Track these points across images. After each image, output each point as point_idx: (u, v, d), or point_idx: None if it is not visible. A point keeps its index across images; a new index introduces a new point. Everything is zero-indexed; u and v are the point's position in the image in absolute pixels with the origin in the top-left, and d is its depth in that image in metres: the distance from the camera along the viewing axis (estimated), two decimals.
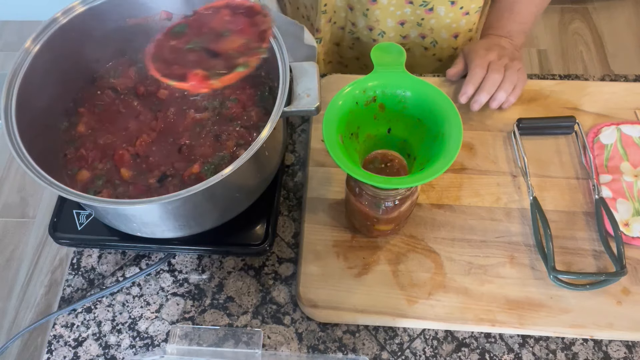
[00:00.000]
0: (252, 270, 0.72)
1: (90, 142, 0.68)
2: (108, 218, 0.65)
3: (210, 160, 0.65)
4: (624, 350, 0.66)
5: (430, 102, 0.60)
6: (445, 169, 0.54)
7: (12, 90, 0.61)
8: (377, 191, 0.61)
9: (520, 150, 0.76)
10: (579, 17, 2.24)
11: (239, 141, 0.67)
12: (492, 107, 0.78)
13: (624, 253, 0.67)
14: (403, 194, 0.62)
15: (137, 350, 0.67)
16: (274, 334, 0.68)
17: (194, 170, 0.65)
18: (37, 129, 0.63)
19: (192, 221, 0.65)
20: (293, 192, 0.78)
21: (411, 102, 0.62)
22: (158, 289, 0.71)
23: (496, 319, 0.66)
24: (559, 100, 0.83)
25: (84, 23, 0.67)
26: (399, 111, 0.63)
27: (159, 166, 0.66)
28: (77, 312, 0.70)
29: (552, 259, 0.67)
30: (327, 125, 0.58)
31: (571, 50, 2.15)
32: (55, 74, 0.67)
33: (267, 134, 0.58)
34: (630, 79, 0.86)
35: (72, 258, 0.74)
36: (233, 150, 0.66)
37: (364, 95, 0.61)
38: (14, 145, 0.58)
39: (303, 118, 0.84)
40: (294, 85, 0.63)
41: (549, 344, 0.66)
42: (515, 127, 0.78)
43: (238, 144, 0.67)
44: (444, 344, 0.66)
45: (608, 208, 0.71)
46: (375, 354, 0.66)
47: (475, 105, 0.77)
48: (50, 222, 0.71)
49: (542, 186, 0.75)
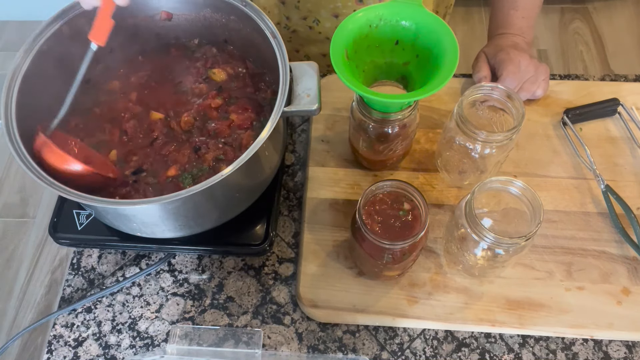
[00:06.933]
0: (252, 270, 0.72)
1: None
2: (108, 218, 0.65)
3: (187, 169, 0.66)
4: (624, 350, 0.66)
5: (436, 34, 0.63)
6: (442, 86, 0.58)
7: (12, 90, 0.61)
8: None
9: (578, 140, 0.77)
10: (579, 17, 2.24)
11: (219, 156, 0.66)
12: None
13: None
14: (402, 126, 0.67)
15: (137, 350, 0.67)
16: (274, 334, 0.68)
17: (170, 173, 0.65)
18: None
19: (192, 221, 0.65)
20: (293, 192, 0.78)
21: (420, 33, 0.64)
22: (158, 289, 0.71)
23: (496, 319, 0.66)
24: (559, 100, 0.83)
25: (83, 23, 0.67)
26: (410, 41, 0.65)
27: (136, 157, 0.67)
28: (77, 312, 0.70)
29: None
30: (336, 38, 0.61)
31: (571, 50, 2.15)
32: (55, 73, 0.67)
33: (267, 134, 0.58)
34: (630, 79, 0.86)
35: (72, 258, 0.74)
36: (212, 164, 0.66)
37: (377, 20, 0.64)
38: (14, 145, 0.58)
39: (303, 118, 0.84)
40: (294, 85, 0.63)
41: (549, 344, 0.66)
42: (565, 118, 0.79)
43: (218, 159, 0.66)
44: (444, 344, 0.66)
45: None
46: (375, 354, 0.66)
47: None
48: (50, 222, 0.71)
49: (541, 186, 0.75)
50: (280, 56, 0.63)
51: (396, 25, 0.64)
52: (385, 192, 0.61)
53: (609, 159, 0.77)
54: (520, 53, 0.78)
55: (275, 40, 0.64)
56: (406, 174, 0.76)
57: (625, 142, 0.79)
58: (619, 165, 0.77)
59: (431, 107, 0.82)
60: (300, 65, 0.64)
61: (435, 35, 0.62)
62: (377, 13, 0.64)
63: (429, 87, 0.59)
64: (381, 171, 0.77)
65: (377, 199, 0.61)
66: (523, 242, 0.57)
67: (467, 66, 0.86)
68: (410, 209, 0.61)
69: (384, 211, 0.61)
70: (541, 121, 0.81)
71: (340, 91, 0.80)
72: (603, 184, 0.73)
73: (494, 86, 0.66)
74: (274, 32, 0.64)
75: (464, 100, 0.65)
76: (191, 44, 0.76)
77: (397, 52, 0.67)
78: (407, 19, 0.64)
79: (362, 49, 0.65)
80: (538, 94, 0.80)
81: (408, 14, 0.63)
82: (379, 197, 0.61)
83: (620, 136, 0.79)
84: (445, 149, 0.71)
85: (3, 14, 2.31)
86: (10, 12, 2.30)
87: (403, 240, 0.57)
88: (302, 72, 0.64)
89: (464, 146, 0.67)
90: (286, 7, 0.90)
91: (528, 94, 0.79)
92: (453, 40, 0.61)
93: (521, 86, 0.78)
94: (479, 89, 0.67)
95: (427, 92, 0.59)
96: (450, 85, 0.84)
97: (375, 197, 0.61)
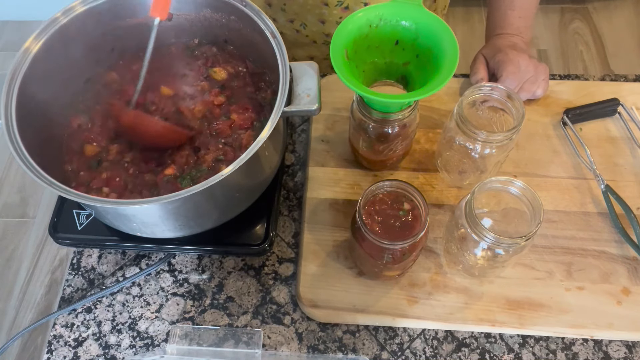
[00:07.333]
0: (252, 270, 0.72)
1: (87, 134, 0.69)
2: (108, 218, 0.65)
3: (186, 169, 0.66)
4: (624, 350, 0.66)
5: (436, 34, 0.63)
6: (442, 86, 0.58)
7: (12, 90, 0.61)
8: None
9: (578, 140, 0.77)
10: (579, 17, 2.24)
11: (219, 156, 0.66)
12: None
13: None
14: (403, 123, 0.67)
15: (137, 350, 0.67)
16: (274, 334, 0.68)
17: (168, 172, 0.65)
18: (37, 129, 0.63)
19: (192, 221, 0.65)
20: (293, 192, 0.78)
21: (421, 33, 0.64)
22: (158, 289, 0.71)
23: (496, 319, 0.66)
24: (559, 100, 0.83)
25: (84, 23, 0.67)
26: (410, 41, 0.65)
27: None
28: (77, 312, 0.70)
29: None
30: (336, 38, 0.62)
31: (571, 50, 2.15)
32: (55, 73, 0.67)
33: (267, 134, 0.58)
34: (630, 79, 0.87)
35: (72, 258, 0.74)
36: (212, 165, 0.66)
37: (377, 20, 0.64)
38: (14, 145, 0.58)
39: (303, 118, 0.84)
40: (294, 85, 0.63)
41: (549, 344, 0.66)
42: (565, 118, 0.79)
43: (218, 159, 0.66)
44: (444, 344, 0.66)
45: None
46: (375, 354, 0.66)
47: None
48: (50, 222, 0.71)
49: (541, 186, 0.75)
50: (280, 56, 0.63)
51: (396, 25, 0.64)
52: (385, 192, 0.61)
53: (609, 159, 0.77)
54: (519, 53, 0.78)
55: (275, 40, 0.64)
56: (406, 174, 0.76)
57: (625, 142, 0.79)
58: (619, 165, 0.77)
59: (431, 107, 0.82)
60: (300, 65, 0.64)
61: (435, 35, 0.63)
62: (377, 13, 0.64)
63: (429, 87, 0.59)
64: (381, 171, 0.77)
65: (377, 199, 0.61)
66: (523, 242, 0.57)
67: (467, 66, 0.86)
68: (410, 209, 0.61)
69: (384, 211, 0.61)
70: (541, 121, 0.81)
71: (340, 91, 0.80)
72: (603, 184, 0.73)
73: (494, 86, 0.66)
74: (274, 32, 0.64)
75: (464, 100, 0.65)
76: (191, 44, 0.76)
77: (397, 52, 0.67)
78: (407, 19, 0.64)
79: (362, 49, 0.65)
80: (538, 94, 0.80)
81: (408, 14, 0.64)
82: (379, 197, 0.61)
83: (620, 136, 0.79)
84: (445, 149, 0.71)
85: (3, 14, 2.31)
86: (10, 12, 2.30)
87: (403, 240, 0.57)
88: (302, 72, 0.64)
89: (464, 146, 0.67)
90: (272, 9, 0.90)
91: (528, 94, 0.79)
92: (453, 40, 0.61)
93: (521, 86, 0.78)
94: (479, 89, 0.67)
95: (427, 92, 0.59)
96: (450, 85, 0.84)
97: (375, 197, 0.61)
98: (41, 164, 0.57)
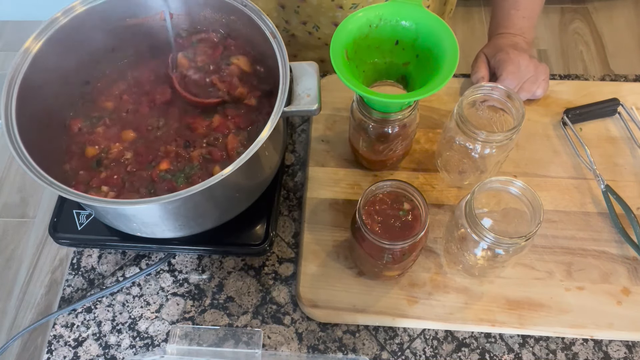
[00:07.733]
0: (252, 270, 0.72)
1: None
2: (108, 218, 0.65)
3: (179, 167, 0.66)
4: (624, 350, 0.66)
5: (436, 34, 0.63)
6: (442, 86, 0.58)
7: (12, 90, 0.61)
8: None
9: (578, 140, 0.77)
10: (579, 17, 2.24)
11: (206, 155, 0.66)
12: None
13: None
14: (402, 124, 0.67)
15: (137, 350, 0.67)
16: (274, 334, 0.68)
17: (162, 167, 0.65)
18: (37, 129, 0.63)
19: (192, 221, 0.65)
20: (293, 192, 0.78)
21: (421, 33, 0.64)
22: (158, 289, 0.71)
23: (496, 319, 0.66)
24: (559, 100, 0.83)
25: (84, 23, 0.67)
26: (410, 41, 0.65)
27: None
28: (77, 312, 0.70)
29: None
30: (336, 38, 0.62)
31: (571, 50, 2.15)
32: (55, 73, 0.67)
33: (267, 134, 0.58)
34: (630, 79, 0.87)
35: (72, 258, 0.74)
36: (200, 161, 0.66)
37: (377, 20, 0.64)
38: (14, 145, 0.58)
39: (303, 118, 0.84)
40: (294, 85, 0.63)
41: (549, 344, 0.66)
42: (565, 118, 0.79)
43: (205, 158, 0.66)
44: (444, 344, 0.66)
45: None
46: (375, 354, 0.66)
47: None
48: (50, 222, 0.71)
49: (541, 186, 0.75)
50: (280, 56, 0.63)
51: (396, 25, 0.64)
52: (385, 192, 0.61)
53: (609, 159, 0.77)
54: (519, 53, 0.78)
55: (275, 40, 0.64)
56: (406, 174, 0.76)
57: (625, 142, 0.79)
58: (619, 165, 0.77)
59: (431, 107, 0.82)
60: (300, 65, 0.64)
61: (435, 35, 0.63)
62: (377, 13, 0.64)
63: (429, 87, 0.59)
64: (381, 171, 0.77)
65: (377, 199, 0.61)
66: (523, 242, 0.57)
67: (467, 66, 0.86)
68: (410, 209, 0.61)
69: (384, 211, 0.61)
70: (541, 121, 0.81)
71: (340, 91, 0.80)
72: (603, 184, 0.73)
73: (494, 86, 0.66)
74: (274, 32, 0.64)
75: (464, 100, 0.65)
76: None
77: (397, 52, 0.67)
78: (407, 19, 0.64)
79: (362, 49, 0.65)
80: (538, 94, 0.80)
81: (408, 14, 0.64)
82: (379, 197, 0.61)
83: (620, 136, 0.79)
84: (445, 149, 0.71)
85: (3, 14, 2.31)
86: (10, 12, 2.30)
87: (403, 240, 0.57)
88: (302, 72, 0.64)
89: (464, 146, 0.67)
90: (286, 11, 0.90)
91: (528, 94, 0.79)
92: (453, 41, 0.61)
93: (521, 86, 0.78)
94: (479, 89, 0.67)
95: (427, 92, 0.59)
96: (450, 85, 0.84)
97: (375, 197, 0.61)
98: (41, 164, 0.57)
